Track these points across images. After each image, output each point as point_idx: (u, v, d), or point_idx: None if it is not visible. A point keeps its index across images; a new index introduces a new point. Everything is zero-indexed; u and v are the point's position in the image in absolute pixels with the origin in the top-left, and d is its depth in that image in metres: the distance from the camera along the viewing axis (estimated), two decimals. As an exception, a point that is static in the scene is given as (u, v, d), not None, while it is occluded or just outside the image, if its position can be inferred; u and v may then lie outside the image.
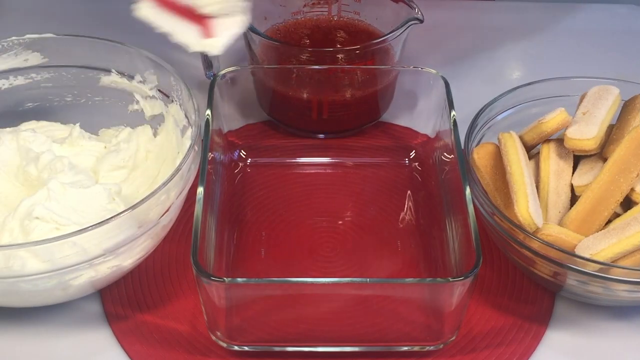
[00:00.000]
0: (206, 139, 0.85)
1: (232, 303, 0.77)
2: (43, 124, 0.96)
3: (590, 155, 0.87)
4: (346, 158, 1.00)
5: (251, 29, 0.97)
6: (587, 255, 0.77)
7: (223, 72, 0.93)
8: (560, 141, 0.88)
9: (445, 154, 0.91)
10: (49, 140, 0.91)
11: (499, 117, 0.93)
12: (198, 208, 0.78)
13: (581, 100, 0.90)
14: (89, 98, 0.97)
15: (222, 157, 0.93)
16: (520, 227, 0.79)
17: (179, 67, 0.90)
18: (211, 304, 0.76)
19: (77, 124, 0.95)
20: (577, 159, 0.88)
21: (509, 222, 0.79)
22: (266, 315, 0.79)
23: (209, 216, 0.82)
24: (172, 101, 0.91)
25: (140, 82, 0.93)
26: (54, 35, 0.92)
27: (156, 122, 0.94)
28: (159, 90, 0.93)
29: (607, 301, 0.82)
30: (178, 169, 0.78)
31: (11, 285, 0.75)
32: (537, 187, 0.86)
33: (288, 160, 0.99)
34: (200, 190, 0.80)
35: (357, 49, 0.97)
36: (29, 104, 0.96)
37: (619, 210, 0.83)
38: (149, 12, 0.82)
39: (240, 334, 0.79)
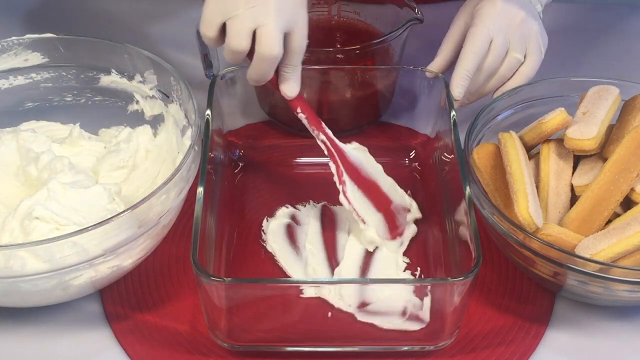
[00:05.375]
0: (206, 139, 0.85)
1: (232, 303, 0.77)
2: (43, 124, 0.96)
3: (590, 155, 0.87)
4: (346, 158, 1.00)
5: (251, 29, 0.97)
6: (587, 255, 0.77)
7: (223, 72, 0.93)
8: (560, 141, 0.88)
9: (445, 154, 0.91)
10: (49, 140, 0.91)
11: (499, 117, 0.93)
12: (198, 208, 0.78)
13: (581, 100, 0.90)
14: (89, 98, 0.97)
15: (222, 157, 0.93)
16: (520, 227, 0.79)
17: (179, 67, 0.90)
18: (211, 304, 0.76)
19: (77, 124, 0.95)
20: (577, 159, 0.88)
21: (509, 222, 0.79)
22: (266, 315, 0.79)
23: (209, 216, 0.82)
24: (172, 101, 0.91)
25: (140, 82, 0.93)
26: (54, 35, 0.92)
27: (156, 122, 0.94)
28: (159, 90, 0.93)
29: (607, 301, 0.82)
30: (178, 169, 0.78)
31: (11, 285, 0.75)
32: (537, 187, 0.86)
33: (288, 160, 0.99)
34: (200, 190, 0.80)
35: (357, 49, 0.97)
36: (29, 104, 0.96)
37: (619, 210, 0.83)
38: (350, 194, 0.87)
39: (240, 334, 0.79)
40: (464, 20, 0.95)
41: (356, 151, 0.90)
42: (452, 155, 0.87)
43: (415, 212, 0.91)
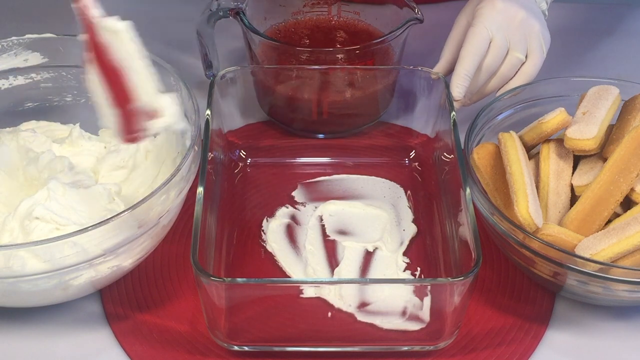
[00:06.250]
0: (206, 139, 0.85)
1: (232, 303, 0.77)
2: (43, 124, 0.96)
3: (590, 155, 0.87)
4: (346, 158, 1.00)
5: (251, 29, 0.98)
6: (587, 255, 0.77)
7: (223, 72, 0.93)
8: (560, 141, 0.88)
9: (445, 154, 0.91)
10: (49, 140, 0.91)
11: (499, 117, 0.93)
12: (198, 208, 0.78)
13: (581, 100, 0.90)
14: (89, 98, 0.96)
15: (222, 157, 0.93)
16: (520, 227, 0.79)
17: (179, 67, 0.89)
18: (211, 304, 0.76)
19: (77, 124, 0.95)
20: (577, 159, 0.88)
21: (509, 222, 0.79)
22: (266, 315, 0.79)
23: (209, 216, 0.82)
24: (172, 101, 0.91)
25: (140, 82, 0.93)
26: (54, 35, 0.92)
27: (156, 122, 0.94)
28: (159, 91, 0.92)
29: (607, 301, 0.82)
30: (178, 169, 0.78)
31: (11, 285, 0.75)
32: (537, 187, 0.86)
33: (288, 160, 0.99)
34: (200, 190, 0.80)
35: (357, 49, 0.97)
36: (29, 104, 0.96)
37: (619, 210, 0.83)
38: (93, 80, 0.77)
39: (240, 334, 0.79)
40: (466, 20, 0.95)
41: (110, 31, 0.77)
42: (452, 155, 0.87)
43: (168, 118, 0.75)
